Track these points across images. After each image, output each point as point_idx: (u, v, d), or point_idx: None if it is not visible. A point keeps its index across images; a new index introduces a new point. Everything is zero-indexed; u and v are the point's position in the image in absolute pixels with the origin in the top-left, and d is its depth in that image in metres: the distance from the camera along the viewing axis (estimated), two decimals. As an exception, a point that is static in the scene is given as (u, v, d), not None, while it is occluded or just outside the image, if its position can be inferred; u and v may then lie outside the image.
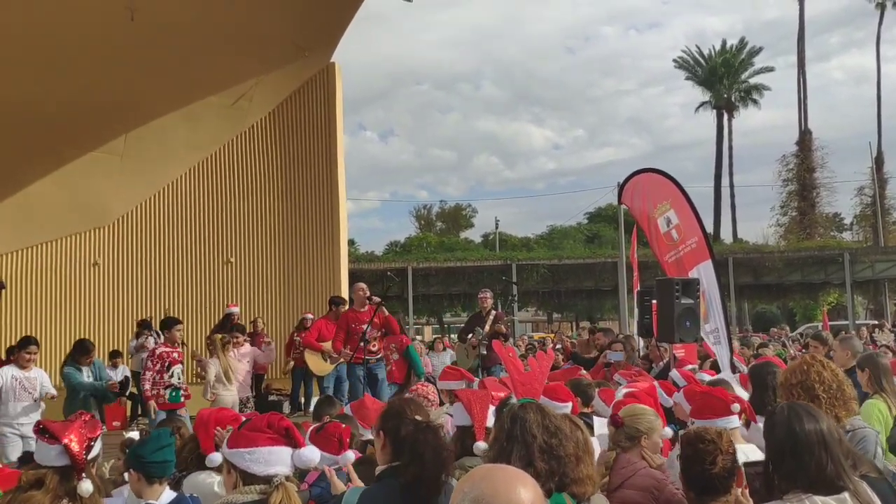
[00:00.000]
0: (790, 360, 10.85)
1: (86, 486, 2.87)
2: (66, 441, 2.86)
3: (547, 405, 3.98)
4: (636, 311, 12.80)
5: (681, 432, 3.55)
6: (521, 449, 2.80)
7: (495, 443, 2.97)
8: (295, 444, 2.75)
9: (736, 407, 3.93)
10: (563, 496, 2.83)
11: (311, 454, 2.76)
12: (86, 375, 8.51)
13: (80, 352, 8.67)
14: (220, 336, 9.30)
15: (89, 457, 2.97)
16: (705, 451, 2.91)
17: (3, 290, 8.21)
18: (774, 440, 2.85)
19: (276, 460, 2.69)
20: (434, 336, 27.04)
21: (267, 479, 2.65)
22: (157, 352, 8.59)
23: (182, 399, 8.61)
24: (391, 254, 39.83)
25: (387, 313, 9.77)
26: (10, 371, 7.93)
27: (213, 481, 3.71)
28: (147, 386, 8.41)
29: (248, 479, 2.70)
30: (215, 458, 3.84)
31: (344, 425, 3.87)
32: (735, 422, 3.88)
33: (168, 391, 8.47)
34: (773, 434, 2.87)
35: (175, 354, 8.61)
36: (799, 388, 3.80)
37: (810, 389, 3.75)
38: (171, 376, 8.49)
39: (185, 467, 3.88)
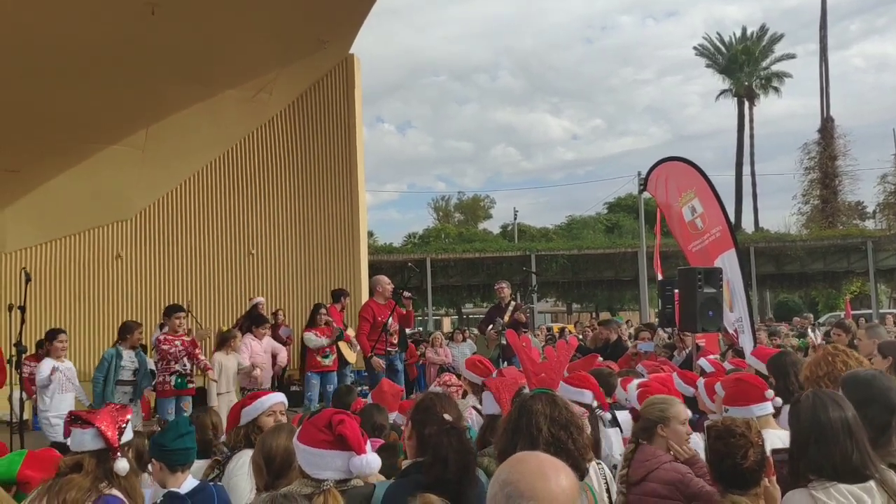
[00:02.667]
0: (813, 349, 10.75)
1: (121, 465, 2.94)
2: (98, 424, 2.92)
3: (564, 394, 3.99)
4: (658, 300, 12.75)
5: (706, 423, 3.51)
6: (526, 442, 2.73)
7: (503, 434, 2.94)
8: (352, 450, 2.65)
9: (770, 393, 3.91)
10: (582, 486, 2.82)
11: (366, 464, 2.66)
12: (127, 359, 8.52)
13: (122, 332, 8.73)
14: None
15: (123, 440, 3.03)
16: (736, 445, 2.87)
17: (29, 283, 8.30)
18: (799, 428, 2.83)
19: (326, 465, 2.63)
20: (453, 327, 27.07)
21: (318, 481, 2.61)
22: (160, 347, 8.70)
23: (189, 386, 8.72)
24: (410, 245, 39.86)
25: (408, 309, 9.97)
26: (53, 363, 8.03)
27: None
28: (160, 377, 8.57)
29: (304, 472, 2.70)
30: None
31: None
32: (769, 408, 3.86)
33: (174, 377, 8.59)
34: (797, 422, 2.84)
35: (178, 343, 8.69)
36: (827, 380, 3.76)
37: (838, 381, 3.71)
38: (176, 363, 8.59)
39: (234, 445, 3.92)
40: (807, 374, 4.12)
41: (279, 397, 4.15)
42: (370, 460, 2.67)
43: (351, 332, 10.83)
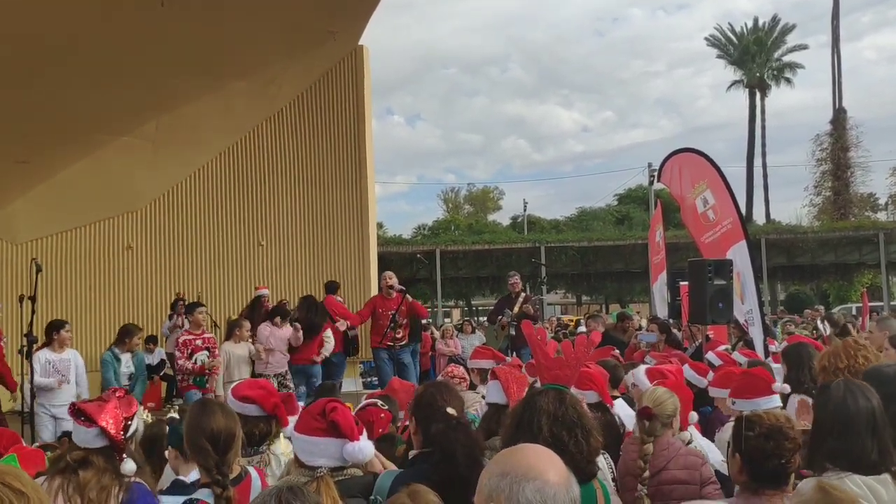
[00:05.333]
0: (823, 342, 10.70)
1: (129, 467, 2.88)
2: (102, 423, 2.86)
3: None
4: (667, 292, 12.71)
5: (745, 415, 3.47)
6: (527, 439, 2.63)
7: (507, 428, 2.91)
8: (345, 437, 2.68)
9: (777, 386, 3.88)
10: (593, 484, 2.78)
11: (359, 450, 2.70)
12: (124, 364, 8.61)
13: (120, 335, 8.79)
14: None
15: (127, 435, 2.98)
16: (787, 448, 2.72)
17: (40, 274, 8.33)
18: (825, 416, 2.79)
19: (320, 452, 2.67)
20: (463, 319, 27.06)
21: (313, 468, 2.64)
22: (181, 340, 8.71)
23: (207, 385, 8.73)
24: (419, 237, 39.82)
25: (410, 300, 10.01)
26: (45, 354, 8.08)
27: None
28: (180, 376, 8.57)
29: (299, 462, 2.71)
30: None
31: (383, 413, 3.88)
32: (776, 401, 3.83)
33: (192, 377, 8.64)
34: (825, 410, 2.81)
35: (199, 342, 8.72)
36: (846, 373, 3.72)
37: (857, 374, 3.63)
38: (195, 363, 8.62)
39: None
40: (824, 365, 4.07)
41: None
42: (363, 447, 2.71)
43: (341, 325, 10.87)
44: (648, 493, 3.56)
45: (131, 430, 3.03)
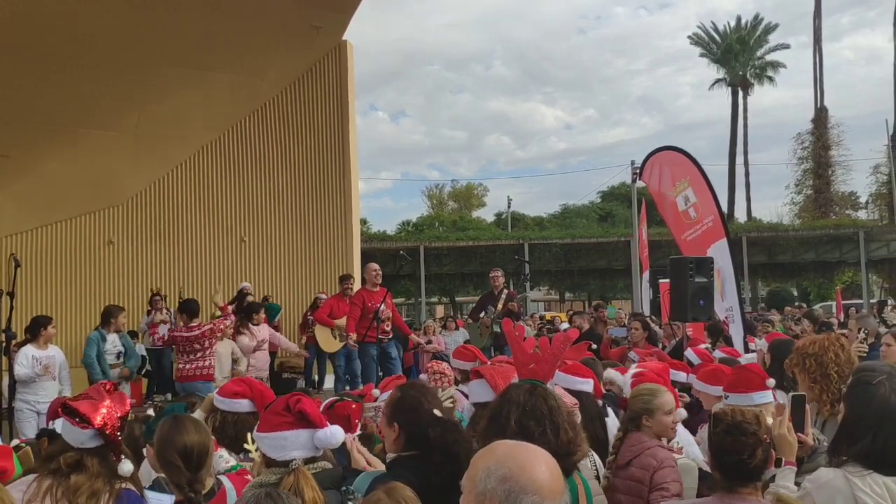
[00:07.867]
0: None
1: (126, 467, 2.81)
2: (98, 426, 2.80)
3: (566, 384, 3.99)
4: (649, 290, 12.81)
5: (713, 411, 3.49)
6: (497, 432, 2.64)
7: (483, 420, 2.92)
8: (314, 426, 2.70)
9: (771, 382, 3.90)
10: (573, 479, 2.79)
11: (331, 435, 2.71)
12: (111, 343, 8.54)
13: (104, 317, 8.72)
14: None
15: (123, 434, 2.94)
16: (745, 443, 2.72)
17: (19, 269, 8.24)
18: (867, 412, 2.74)
19: (291, 445, 2.66)
20: (447, 315, 27.04)
21: (285, 464, 2.63)
22: (177, 335, 8.66)
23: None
24: (403, 233, 39.76)
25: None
26: (31, 351, 8.00)
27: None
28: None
29: (269, 461, 2.71)
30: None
31: (354, 404, 3.85)
32: (769, 396, 3.86)
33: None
34: (868, 405, 2.75)
35: (196, 332, 8.71)
36: (813, 360, 3.78)
37: (823, 366, 3.74)
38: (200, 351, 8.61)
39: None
40: (799, 345, 4.07)
41: None
42: (334, 431, 2.72)
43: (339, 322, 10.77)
44: (615, 483, 3.62)
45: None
